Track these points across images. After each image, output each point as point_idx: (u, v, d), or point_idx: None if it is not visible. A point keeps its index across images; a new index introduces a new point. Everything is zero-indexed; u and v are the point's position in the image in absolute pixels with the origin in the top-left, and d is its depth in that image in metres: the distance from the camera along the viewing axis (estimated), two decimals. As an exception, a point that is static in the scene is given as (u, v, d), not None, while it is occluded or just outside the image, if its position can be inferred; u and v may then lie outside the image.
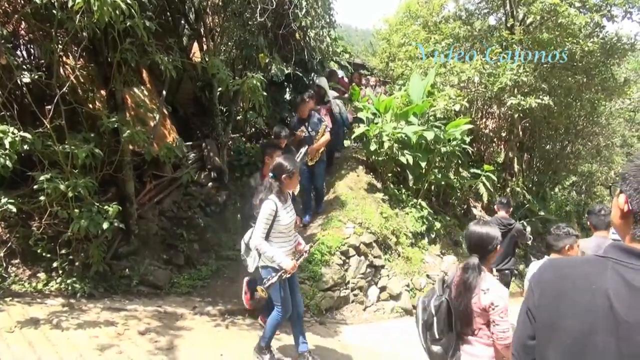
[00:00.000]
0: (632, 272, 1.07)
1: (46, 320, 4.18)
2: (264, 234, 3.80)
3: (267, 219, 3.77)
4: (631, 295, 1.05)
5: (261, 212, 3.79)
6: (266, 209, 3.78)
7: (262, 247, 3.78)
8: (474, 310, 2.66)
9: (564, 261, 1.29)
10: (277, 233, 3.87)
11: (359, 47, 22.23)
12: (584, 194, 18.94)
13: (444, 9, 13.46)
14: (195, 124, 8.14)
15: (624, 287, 1.06)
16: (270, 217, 3.78)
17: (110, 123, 4.74)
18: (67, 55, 5.36)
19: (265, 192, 3.87)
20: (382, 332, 5.64)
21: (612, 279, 1.09)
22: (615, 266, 1.11)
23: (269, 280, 3.80)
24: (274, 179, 3.89)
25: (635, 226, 1.14)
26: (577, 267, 1.19)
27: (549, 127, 12.74)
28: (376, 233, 7.08)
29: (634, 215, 1.13)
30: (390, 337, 5.48)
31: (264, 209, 3.78)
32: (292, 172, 3.90)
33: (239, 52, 7.78)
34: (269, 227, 3.80)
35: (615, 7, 10.04)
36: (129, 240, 5.67)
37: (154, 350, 4.01)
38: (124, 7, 3.84)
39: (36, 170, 4.44)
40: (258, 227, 3.79)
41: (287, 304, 4.00)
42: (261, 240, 3.78)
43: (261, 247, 3.79)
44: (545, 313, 1.19)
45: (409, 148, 8.28)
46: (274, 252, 3.79)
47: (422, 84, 8.79)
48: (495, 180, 10.08)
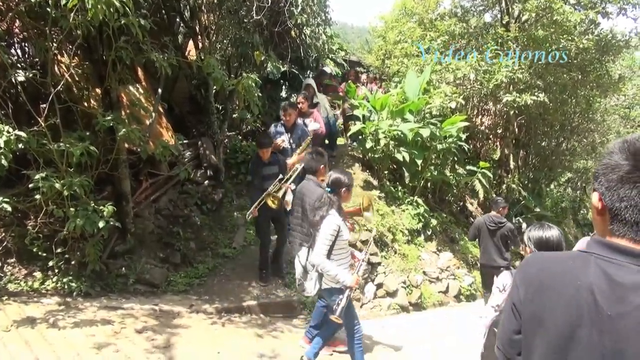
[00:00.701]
0: (614, 267, 1.10)
1: (42, 319, 4.17)
2: (327, 252, 3.57)
3: (331, 236, 3.57)
4: (613, 290, 1.07)
5: (324, 230, 3.57)
6: (330, 225, 3.57)
7: (326, 266, 3.55)
8: None
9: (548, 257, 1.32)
10: (338, 250, 3.66)
11: (355, 44, 22.25)
12: (579, 190, 19.02)
13: (440, 6, 13.48)
14: (190, 122, 8.12)
15: (606, 281, 1.09)
16: (334, 234, 3.58)
17: (105, 121, 4.73)
18: (61, 54, 5.33)
19: (326, 207, 3.64)
20: (379, 328, 5.66)
21: (595, 274, 1.11)
22: (597, 261, 1.13)
23: (338, 305, 3.51)
24: (333, 194, 3.72)
25: (612, 222, 1.16)
26: (561, 263, 1.21)
27: (545, 123, 12.79)
28: (372, 230, 7.09)
29: (609, 211, 1.16)
30: (387, 333, 5.51)
31: (327, 226, 3.57)
32: (350, 185, 3.81)
33: (235, 49, 7.76)
34: (332, 244, 3.59)
35: (609, 4, 10.10)
36: (125, 239, 5.66)
37: (151, 349, 4.01)
38: (118, 5, 3.83)
39: (31, 169, 4.42)
40: (321, 245, 3.55)
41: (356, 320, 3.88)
42: (324, 258, 3.55)
43: (324, 267, 3.56)
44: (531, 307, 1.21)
45: (405, 145, 8.30)
46: (337, 270, 3.56)
47: (417, 81, 8.81)
48: (491, 177, 10.12)
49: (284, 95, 10.23)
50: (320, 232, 3.59)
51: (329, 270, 3.54)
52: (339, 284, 3.59)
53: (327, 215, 3.60)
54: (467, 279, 8.10)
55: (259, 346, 4.44)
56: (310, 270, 3.77)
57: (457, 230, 9.55)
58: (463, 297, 7.83)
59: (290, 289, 5.83)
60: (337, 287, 3.64)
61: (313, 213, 3.76)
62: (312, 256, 3.65)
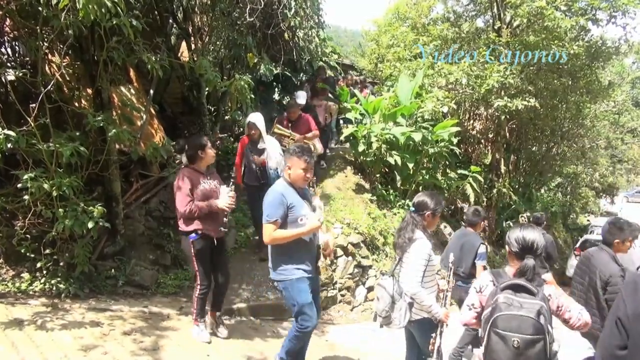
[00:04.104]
0: None
1: (30, 321, 4.13)
2: (420, 279, 3.22)
3: (425, 262, 3.25)
4: None
5: (417, 254, 3.25)
6: (424, 249, 3.27)
7: (421, 295, 3.18)
8: None
9: None
10: (427, 277, 3.32)
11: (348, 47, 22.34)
12: (569, 195, 19.19)
13: (433, 10, 13.59)
14: (182, 124, 8.10)
15: None
16: (427, 260, 3.28)
17: (96, 122, 4.69)
18: (52, 53, 5.30)
19: (410, 227, 3.35)
20: (369, 332, 5.66)
21: None
22: None
23: (434, 345, 3.20)
24: (416, 214, 3.44)
25: None
26: None
27: (535, 128, 12.92)
28: (364, 233, 7.11)
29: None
30: (377, 336, 5.51)
31: (420, 251, 3.26)
32: (436, 210, 3.47)
33: (228, 51, 7.75)
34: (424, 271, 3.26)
35: (600, 11, 10.21)
36: (114, 240, 5.62)
37: (139, 351, 3.98)
38: (110, 5, 3.81)
39: (20, 169, 4.37)
40: (415, 272, 3.22)
41: None
42: (419, 287, 3.20)
43: (420, 296, 3.19)
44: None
45: (397, 149, 8.34)
46: (431, 300, 3.22)
47: (410, 85, 8.85)
48: (482, 181, 10.19)
49: (276, 98, 10.23)
50: (411, 257, 3.29)
51: (424, 300, 3.18)
52: (429, 314, 3.27)
53: (418, 238, 3.30)
54: (457, 283, 8.12)
55: (249, 349, 4.43)
56: (397, 300, 3.34)
57: (448, 234, 9.59)
58: (455, 300, 7.84)
59: (281, 291, 5.82)
60: (428, 317, 3.30)
61: (397, 234, 3.50)
62: (406, 284, 3.26)
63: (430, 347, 3.22)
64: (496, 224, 12.11)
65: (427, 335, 3.30)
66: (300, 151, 3.42)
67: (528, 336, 2.27)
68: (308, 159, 3.43)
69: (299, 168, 3.42)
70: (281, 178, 3.63)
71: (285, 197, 3.38)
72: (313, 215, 3.48)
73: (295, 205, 3.41)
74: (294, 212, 3.41)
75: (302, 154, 3.41)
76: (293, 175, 3.46)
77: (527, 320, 2.28)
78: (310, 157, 3.46)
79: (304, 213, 3.45)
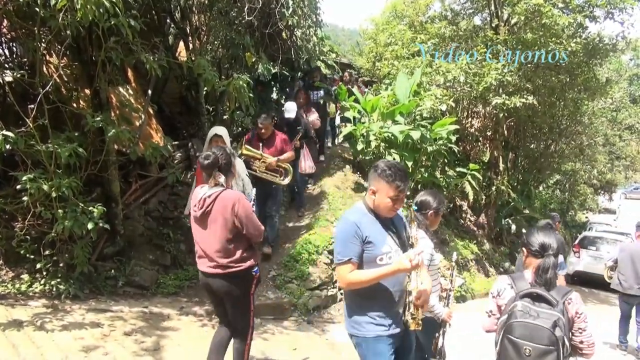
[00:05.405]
0: None
1: (30, 322, 4.13)
2: None
3: (427, 261, 3.08)
4: None
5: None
6: (426, 249, 3.09)
7: None
8: None
9: None
10: (431, 276, 3.08)
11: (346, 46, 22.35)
12: (567, 192, 19.24)
13: (430, 8, 13.60)
14: (181, 124, 8.09)
15: None
16: (430, 259, 3.17)
17: (94, 122, 4.68)
18: (50, 54, 5.29)
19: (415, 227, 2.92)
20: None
21: None
22: None
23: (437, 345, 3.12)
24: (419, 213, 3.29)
25: None
26: None
27: (534, 126, 12.94)
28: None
29: None
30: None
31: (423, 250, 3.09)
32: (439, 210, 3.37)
33: (225, 51, 7.73)
34: None
35: (597, 8, 10.23)
36: (114, 241, 5.62)
37: (140, 352, 3.99)
38: (108, 6, 3.80)
39: (19, 170, 4.37)
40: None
41: None
42: None
43: None
44: None
45: (395, 147, 8.33)
46: (434, 300, 3.12)
47: (408, 83, 8.84)
48: (480, 179, 10.20)
49: (274, 97, 10.23)
50: None
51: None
52: (432, 313, 3.16)
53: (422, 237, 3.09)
54: (458, 280, 8.13)
55: (250, 348, 4.43)
56: None
57: (447, 232, 9.61)
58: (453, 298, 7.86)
59: (281, 290, 5.82)
60: (430, 317, 3.18)
61: None
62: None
63: (432, 347, 3.21)
64: (495, 222, 12.13)
65: (429, 335, 3.28)
66: (393, 174, 2.55)
67: (541, 346, 2.26)
68: (401, 186, 2.56)
69: (387, 196, 2.57)
70: (361, 201, 2.80)
71: (360, 228, 2.56)
72: (403, 253, 2.60)
73: (374, 241, 2.58)
74: (371, 250, 2.57)
75: (395, 178, 2.54)
76: (378, 203, 2.63)
77: (542, 330, 2.27)
78: (406, 184, 2.60)
79: (385, 251, 2.58)
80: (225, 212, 3.20)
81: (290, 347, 4.76)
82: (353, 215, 2.65)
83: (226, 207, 3.20)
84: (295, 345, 4.81)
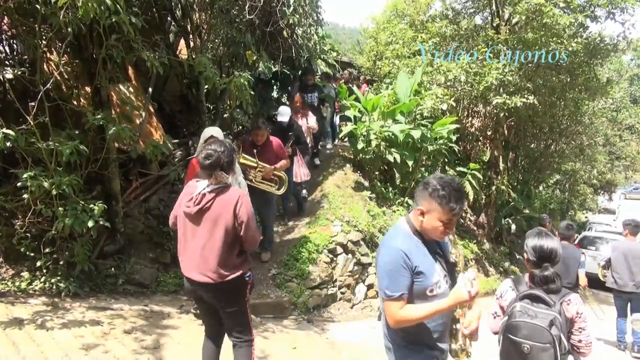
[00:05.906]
0: None
1: (30, 320, 4.12)
2: None
3: None
4: None
5: None
6: None
7: None
8: None
9: None
10: None
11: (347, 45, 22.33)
12: (567, 192, 19.25)
13: (431, 7, 13.59)
14: (181, 122, 8.08)
15: None
16: None
17: (95, 120, 4.68)
18: (51, 51, 5.27)
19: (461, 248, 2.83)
20: (369, 329, 5.66)
21: None
22: None
23: None
24: None
25: None
26: None
27: (534, 126, 12.93)
28: (363, 231, 7.12)
29: None
30: (377, 334, 5.51)
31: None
32: None
33: (226, 49, 7.72)
34: None
35: (598, 7, 10.22)
36: (114, 239, 5.61)
37: (140, 350, 3.98)
38: (109, 3, 3.80)
39: (20, 167, 4.36)
40: None
41: None
42: None
43: None
44: None
45: (396, 146, 8.33)
46: None
47: (409, 82, 8.85)
48: (480, 179, 10.20)
49: (275, 96, 10.22)
50: None
51: None
52: None
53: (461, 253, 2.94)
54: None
55: (250, 347, 4.43)
56: None
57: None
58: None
59: (281, 289, 5.82)
60: None
61: None
62: None
63: None
64: (495, 221, 12.14)
65: None
66: (447, 195, 2.15)
67: (539, 344, 2.41)
68: (456, 209, 2.17)
69: (438, 219, 2.20)
70: (403, 219, 2.40)
71: (409, 257, 2.20)
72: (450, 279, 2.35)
73: (424, 271, 2.23)
74: (422, 281, 2.23)
75: (449, 200, 2.15)
76: (426, 225, 2.25)
77: (539, 329, 2.42)
78: (462, 207, 2.21)
79: (435, 281, 2.26)
80: (225, 211, 2.95)
81: (290, 346, 4.76)
82: (398, 242, 2.26)
83: (227, 206, 2.96)
84: (295, 344, 4.81)
